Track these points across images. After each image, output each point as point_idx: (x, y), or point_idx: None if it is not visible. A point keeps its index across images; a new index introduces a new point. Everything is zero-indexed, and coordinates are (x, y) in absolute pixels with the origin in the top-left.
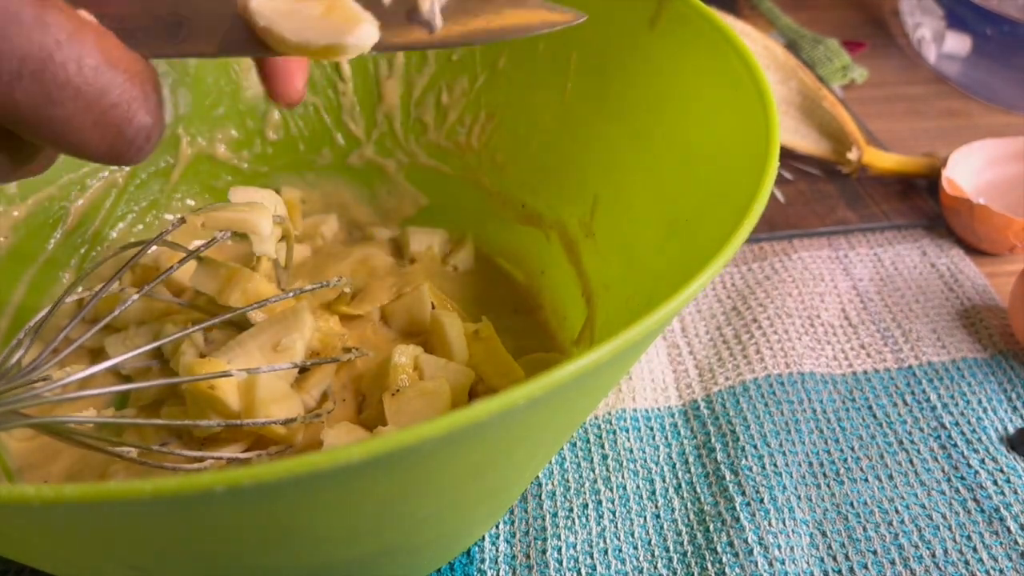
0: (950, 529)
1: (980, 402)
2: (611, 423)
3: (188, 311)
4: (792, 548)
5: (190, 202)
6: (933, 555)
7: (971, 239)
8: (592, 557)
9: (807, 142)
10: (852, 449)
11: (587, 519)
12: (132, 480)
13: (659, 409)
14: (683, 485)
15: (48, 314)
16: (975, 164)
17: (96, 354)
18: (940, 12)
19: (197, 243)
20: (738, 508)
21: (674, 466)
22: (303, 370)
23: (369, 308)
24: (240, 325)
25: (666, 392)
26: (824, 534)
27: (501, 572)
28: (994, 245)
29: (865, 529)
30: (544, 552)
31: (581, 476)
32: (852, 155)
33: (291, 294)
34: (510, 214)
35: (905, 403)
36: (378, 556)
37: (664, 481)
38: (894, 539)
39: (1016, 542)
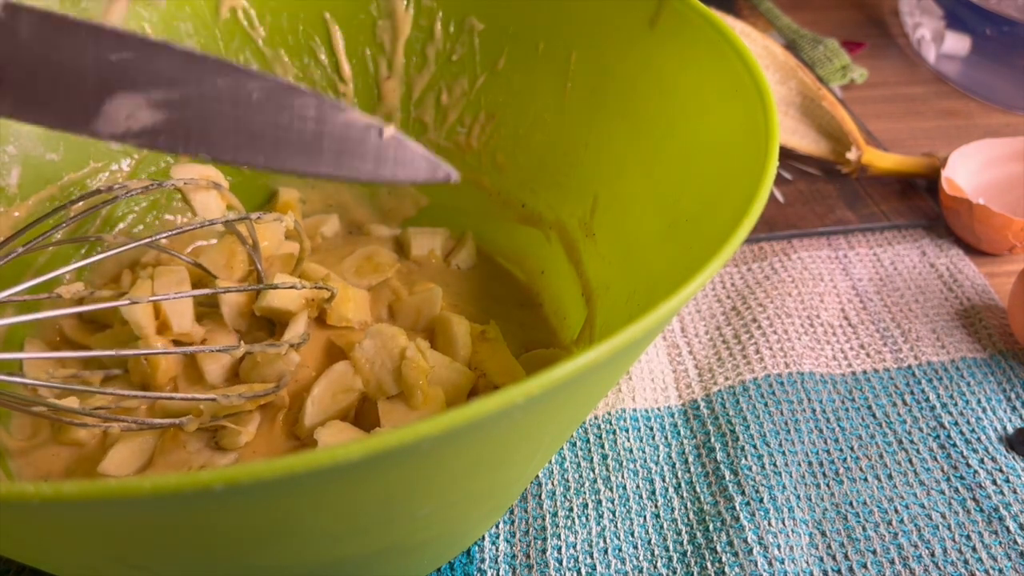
0: (949, 529)
1: (979, 402)
2: (611, 423)
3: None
4: (792, 547)
5: None
6: (932, 554)
7: (970, 239)
8: (592, 557)
9: (806, 142)
10: (851, 449)
11: (587, 519)
12: (129, 477)
13: (659, 409)
14: (683, 485)
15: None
16: (974, 164)
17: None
18: (940, 12)
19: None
20: (738, 508)
21: (674, 466)
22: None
23: (362, 319)
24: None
25: (666, 392)
26: (823, 533)
27: (501, 572)
28: (993, 245)
29: (864, 529)
30: (544, 552)
31: (581, 476)
32: (852, 155)
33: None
34: (510, 214)
35: (904, 403)
36: (378, 555)
37: (664, 481)
38: (893, 539)
39: (1015, 542)
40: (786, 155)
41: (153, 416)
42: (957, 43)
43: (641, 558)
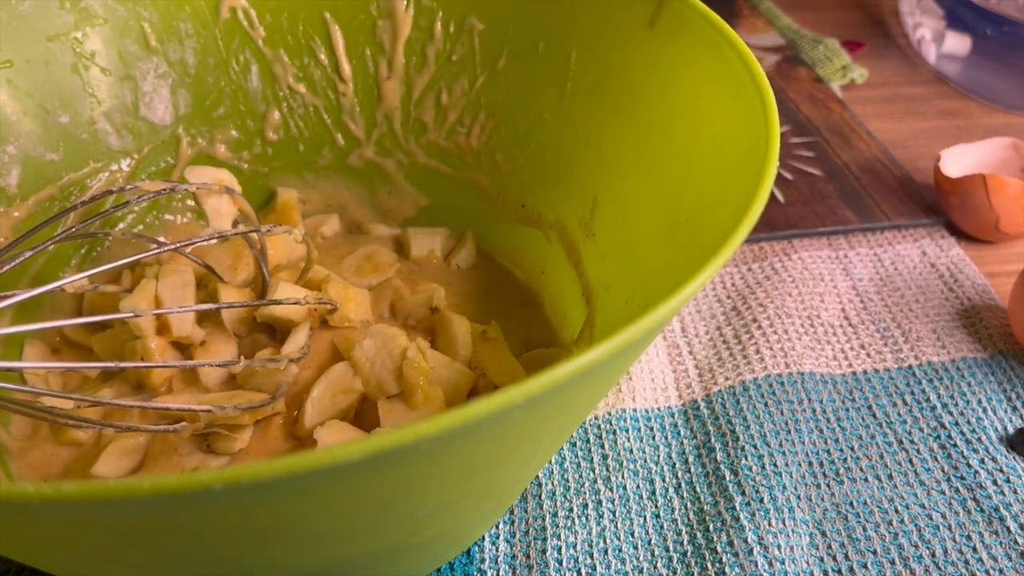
0: (950, 529)
1: (980, 402)
2: (611, 423)
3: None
4: (792, 548)
5: (190, 203)
6: (933, 555)
7: (984, 222)
8: (592, 557)
9: None
10: (852, 449)
11: (587, 519)
12: (127, 476)
13: (659, 409)
14: (683, 485)
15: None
16: (966, 161)
17: (87, 352)
18: (940, 12)
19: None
20: (738, 508)
21: (674, 466)
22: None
23: (363, 318)
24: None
25: (666, 392)
26: (824, 534)
27: (501, 572)
28: (1011, 221)
29: (865, 529)
30: (544, 552)
31: (581, 476)
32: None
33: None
34: (510, 214)
35: (905, 403)
36: (377, 555)
37: (664, 481)
38: (894, 539)
39: (1016, 542)
40: (786, 155)
41: (146, 419)
42: (957, 43)
43: (641, 558)
